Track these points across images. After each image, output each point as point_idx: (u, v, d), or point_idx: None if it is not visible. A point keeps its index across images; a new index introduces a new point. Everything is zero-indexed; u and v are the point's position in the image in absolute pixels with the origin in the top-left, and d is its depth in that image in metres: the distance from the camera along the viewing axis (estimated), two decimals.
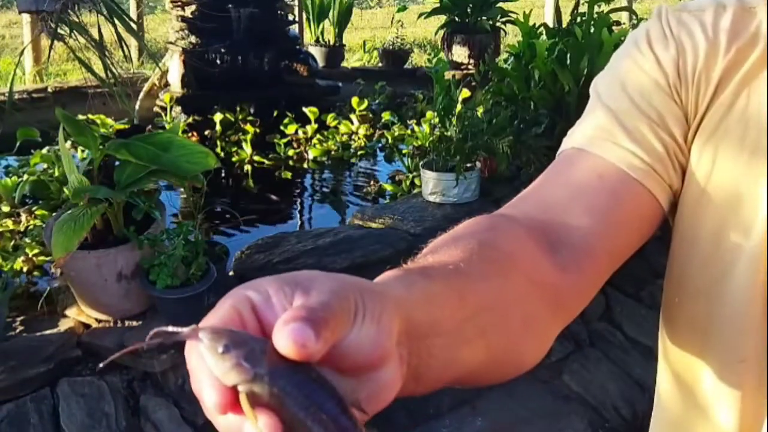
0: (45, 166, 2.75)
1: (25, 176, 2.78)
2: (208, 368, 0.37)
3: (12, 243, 2.45)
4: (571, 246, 0.63)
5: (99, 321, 2.04)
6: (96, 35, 2.26)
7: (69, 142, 2.36)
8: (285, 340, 0.35)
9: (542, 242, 0.62)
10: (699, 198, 0.64)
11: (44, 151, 2.83)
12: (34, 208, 2.62)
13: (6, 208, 2.72)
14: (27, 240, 2.44)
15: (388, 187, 3.57)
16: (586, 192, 0.64)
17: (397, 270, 0.52)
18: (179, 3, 4.63)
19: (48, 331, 2.00)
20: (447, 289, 0.51)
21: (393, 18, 7.14)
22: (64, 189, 1.99)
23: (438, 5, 5.90)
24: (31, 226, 2.53)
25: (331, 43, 6.49)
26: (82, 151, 2.74)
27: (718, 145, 0.62)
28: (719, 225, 0.62)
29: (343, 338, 0.37)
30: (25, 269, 2.28)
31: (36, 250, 2.37)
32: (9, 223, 2.55)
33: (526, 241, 0.61)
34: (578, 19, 3.25)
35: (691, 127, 0.64)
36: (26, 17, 4.93)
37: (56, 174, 2.52)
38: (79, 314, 2.07)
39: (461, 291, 0.52)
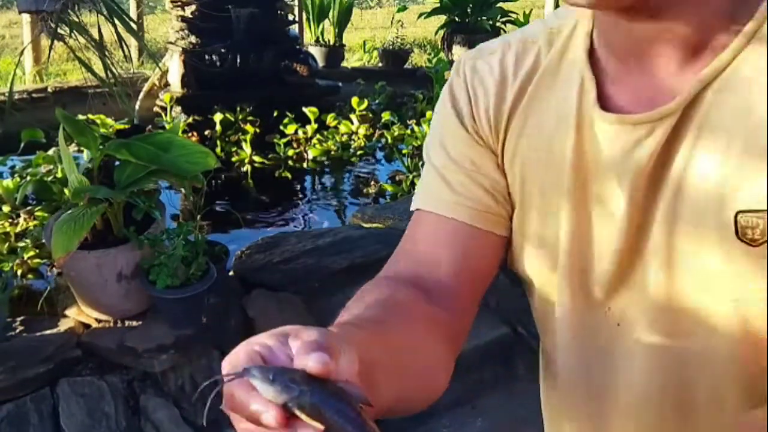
0: (51, 167, 2.75)
1: (28, 177, 2.78)
2: (259, 396, 0.47)
3: (7, 245, 2.44)
4: (442, 292, 0.75)
5: (99, 321, 2.04)
6: (96, 35, 2.26)
7: (74, 144, 2.36)
8: (313, 363, 0.47)
9: (420, 293, 0.73)
10: (518, 212, 0.75)
11: (50, 152, 2.83)
12: (34, 210, 2.62)
13: (7, 209, 2.72)
14: (23, 242, 2.44)
15: (388, 188, 3.57)
16: (436, 246, 0.76)
17: (332, 325, 0.61)
18: (179, 3, 4.63)
19: (48, 331, 2.00)
20: (375, 336, 0.62)
21: (393, 18, 7.14)
22: (65, 190, 1.99)
23: (438, 5, 5.91)
24: (31, 228, 2.53)
25: (331, 43, 6.49)
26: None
27: (521, 162, 0.73)
28: (537, 229, 0.74)
29: (335, 367, 0.48)
30: (19, 272, 2.28)
31: (31, 253, 2.37)
32: (6, 225, 2.55)
33: (413, 294, 0.73)
34: None
35: (499, 157, 0.74)
36: (26, 17, 4.93)
37: (59, 175, 2.52)
38: (79, 314, 2.07)
39: (384, 337, 0.64)
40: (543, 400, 0.93)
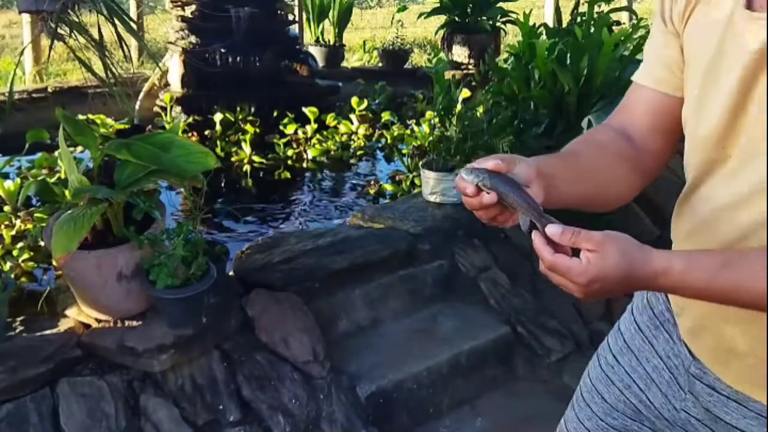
0: (55, 167, 2.75)
1: (30, 178, 2.78)
2: (465, 181, 0.92)
3: (1, 248, 2.44)
4: (639, 137, 1.10)
5: (99, 321, 2.04)
6: (96, 35, 2.25)
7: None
8: (490, 163, 0.91)
9: (622, 136, 1.11)
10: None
11: (56, 153, 2.83)
12: (34, 212, 2.62)
13: (8, 209, 2.72)
14: (21, 244, 2.44)
15: (388, 187, 3.57)
16: (638, 105, 1.10)
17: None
18: (179, 3, 4.63)
19: (48, 331, 2.00)
20: (562, 158, 1.06)
21: (393, 18, 7.14)
22: (65, 191, 1.99)
23: (438, 5, 5.90)
24: (30, 228, 2.53)
25: (331, 43, 6.49)
26: None
27: (689, 47, 1.00)
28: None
29: (511, 170, 0.92)
30: (12, 275, 2.27)
31: (26, 255, 2.36)
32: (1, 228, 2.55)
33: (615, 136, 1.11)
34: (578, 19, 3.25)
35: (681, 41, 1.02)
36: (26, 17, 4.93)
37: (62, 176, 2.52)
38: (79, 314, 2.07)
39: (571, 159, 1.06)
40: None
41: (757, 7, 0.86)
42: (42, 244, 2.42)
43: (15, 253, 2.38)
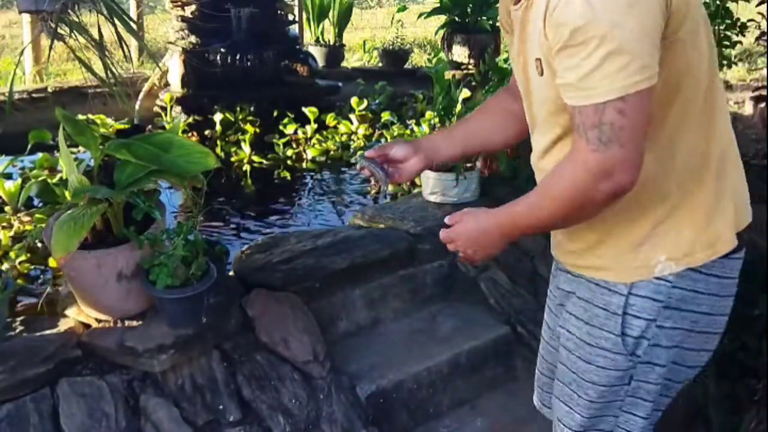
0: (58, 168, 2.74)
1: (32, 179, 2.77)
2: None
3: None
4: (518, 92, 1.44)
5: (99, 321, 2.03)
6: (96, 35, 2.25)
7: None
8: (372, 151, 1.53)
9: (509, 94, 1.54)
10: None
11: (56, 154, 2.82)
12: (35, 212, 2.62)
13: (9, 210, 2.71)
14: (17, 246, 2.43)
15: (389, 187, 3.56)
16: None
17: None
18: (179, 3, 4.63)
19: (48, 331, 2.00)
20: (444, 133, 1.68)
21: (393, 18, 7.14)
22: (66, 192, 1.99)
23: (438, 5, 5.90)
24: (29, 230, 2.52)
25: (331, 43, 6.49)
26: None
27: None
28: None
29: (388, 152, 1.52)
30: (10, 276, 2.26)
31: (22, 257, 2.35)
32: None
33: (503, 96, 1.58)
34: None
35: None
36: (26, 17, 4.93)
37: (64, 176, 2.51)
38: (79, 314, 2.07)
39: (462, 125, 1.65)
40: None
41: None
42: (39, 245, 2.41)
43: (12, 254, 2.37)
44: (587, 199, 1.17)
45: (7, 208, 2.73)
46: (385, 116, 4.41)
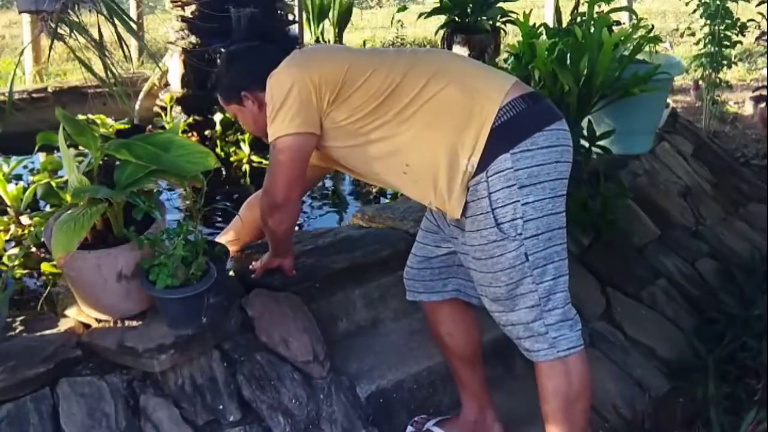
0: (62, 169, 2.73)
1: (33, 181, 2.77)
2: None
3: None
4: None
5: (99, 321, 2.04)
6: (96, 35, 2.25)
7: None
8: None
9: None
10: None
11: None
12: (35, 215, 2.61)
13: (11, 212, 2.71)
14: (12, 250, 2.42)
15: None
16: None
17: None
18: (179, 3, 4.63)
19: (48, 331, 2.00)
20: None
21: (393, 18, 7.14)
22: (65, 194, 1.99)
23: (438, 5, 5.90)
24: (27, 233, 2.51)
25: (332, 43, 6.49)
26: None
27: None
28: None
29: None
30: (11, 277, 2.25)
31: (16, 263, 2.33)
32: None
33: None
34: (578, 19, 3.25)
35: None
36: (26, 17, 4.93)
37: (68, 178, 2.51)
38: (79, 314, 2.07)
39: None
40: None
41: None
42: (34, 249, 2.41)
43: (6, 259, 2.35)
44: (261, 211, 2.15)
45: (10, 211, 2.73)
46: None
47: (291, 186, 1.96)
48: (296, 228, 3.27)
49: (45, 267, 2.32)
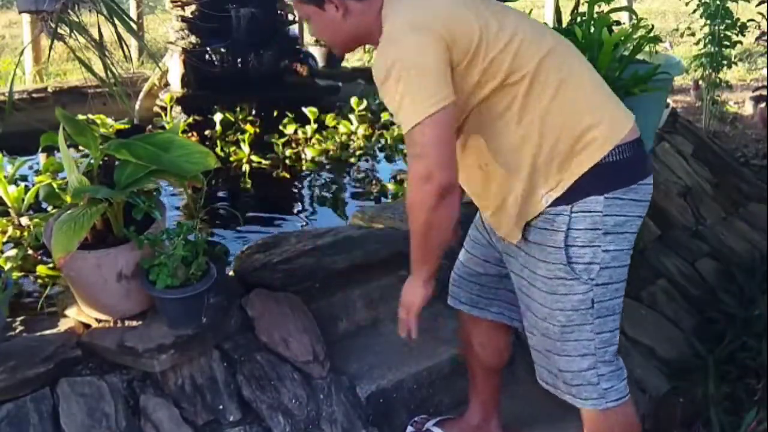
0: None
1: (36, 183, 2.77)
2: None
3: None
4: None
5: (99, 321, 2.04)
6: (96, 35, 2.25)
7: None
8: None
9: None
10: None
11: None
12: (35, 217, 2.61)
13: (12, 215, 2.71)
14: (9, 252, 2.42)
15: (391, 187, 3.57)
16: None
17: None
18: (179, 3, 4.63)
19: (48, 331, 2.00)
20: None
21: None
22: (66, 195, 1.99)
23: None
24: (26, 236, 2.51)
25: None
26: None
27: None
28: None
29: None
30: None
31: (10, 265, 2.31)
32: None
33: None
34: (578, 19, 3.25)
35: None
36: (26, 17, 4.93)
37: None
38: (79, 314, 2.07)
39: None
40: None
41: None
42: (30, 252, 2.41)
43: (2, 261, 2.35)
44: (421, 203, 1.55)
45: (11, 212, 2.73)
46: (385, 116, 4.41)
47: (453, 157, 1.56)
48: (297, 228, 3.28)
49: (41, 269, 2.31)
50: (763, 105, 5.18)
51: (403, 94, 1.47)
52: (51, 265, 2.29)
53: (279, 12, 4.90)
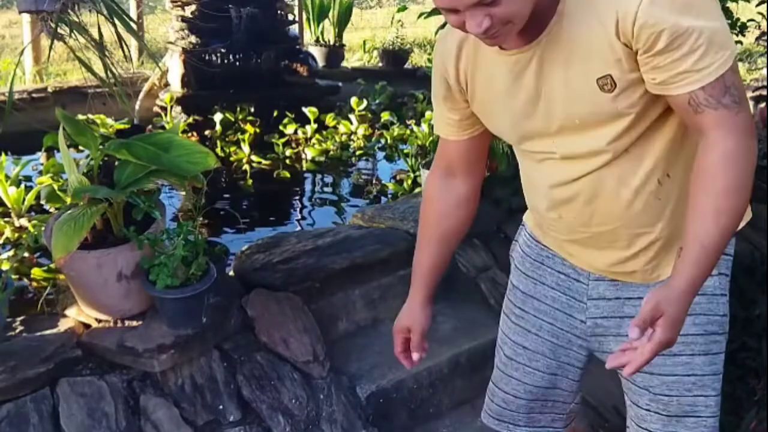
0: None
1: (37, 184, 2.77)
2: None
3: None
4: (462, 172, 1.47)
5: (99, 321, 2.04)
6: (96, 35, 2.25)
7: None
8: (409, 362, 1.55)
9: (450, 181, 1.48)
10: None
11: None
12: (34, 219, 2.61)
13: (13, 216, 2.71)
14: (7, 254, 2.42)
15: (391, 186, 3.57)
16: (454, 154, 1.46)
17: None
18: (179, 3, 4.63)
19: (48, 331, 2.00)
20: (431, 270, 1.55)
21: (393, 18, 7.13)
22: (67, 197, 1.99)
23: None
24: (25, 237, 2.51)
25: (331, 43, 6.49)
26: None
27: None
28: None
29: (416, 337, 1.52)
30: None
31: (7, 266, 2.32)
32: None
33: (445, 188, 1.49)
34: None
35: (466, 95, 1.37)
36: (26, 17, 4.93)
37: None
38: (79, 314, 2.07)
39: (433, 257, 1.55)
40: None
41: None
42: (26, 255, 2.40)
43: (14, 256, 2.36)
44: (753, 165, 1.13)
45: (12, 214, 2.73)
46: (385, 116, 4.41)
47: None
48: (296, 228, 3.28)
49: (36, 272, 2.30)
50: (763, 105, 5.17)
51: (719, 19, 1.12)
52: (46, 268, 2.28)
53: (279, 12, 4.90)
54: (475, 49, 1.28)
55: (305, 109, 4.25)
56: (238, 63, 4.62)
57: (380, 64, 6.37)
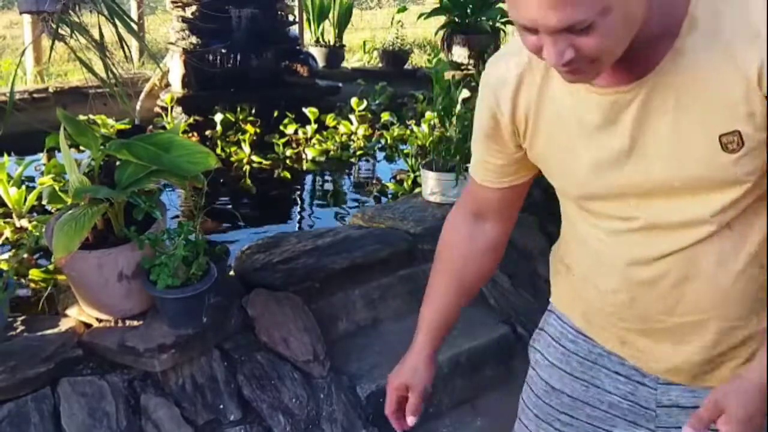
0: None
1: (39, 185, 2.78)
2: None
3: None
4: (492, 218, 1.26)
5: (100, 321, 2.04)
6: (97, 36, 2.26)
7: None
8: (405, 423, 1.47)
9: (478, 224, 1.27)
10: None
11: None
12: (34, 219, 2.61)
13: (15, 217, 2.71)
14: (6, 255, 2.42)
15: (391, 186, 3.58)
16: (488, 200, 1.24)
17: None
18: (180, 3, 4.64)
19: (48, 331, 2.00)
20: (442, 317, 1.35)
21: (393, 18, 7.14)
22: (68, 197, 1.99)
23: (438, 6, 5.91)
24: (25, 238, 2.51)
25: (332, 43, 6.50)
26: None
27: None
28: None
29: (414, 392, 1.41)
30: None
31: (6, 266, 2.33)
32: None
33: (471, 230, 1.28)
34: None
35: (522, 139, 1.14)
36: (27, 18, 4.94)
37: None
38: (79, 314, 2.07)
39: (447, 307, 1.33)
40: None
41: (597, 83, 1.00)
42: (25, 256, 2.41)
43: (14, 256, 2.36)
44: None
45: (13, 215, 2.73)
46: (385, 116, 4.42)
47: None
48: (296, 228, 3.28)
49: (34, 273, 2.30)
50: None
51: None
52: (44, 269, 2.29)
53: (279, 12, 4.91)
54: (543, 80, 1.05)
55: (305, 110, 4.25)
56: (238, 63, 4.63)
57: (380, 65, 6.38)
